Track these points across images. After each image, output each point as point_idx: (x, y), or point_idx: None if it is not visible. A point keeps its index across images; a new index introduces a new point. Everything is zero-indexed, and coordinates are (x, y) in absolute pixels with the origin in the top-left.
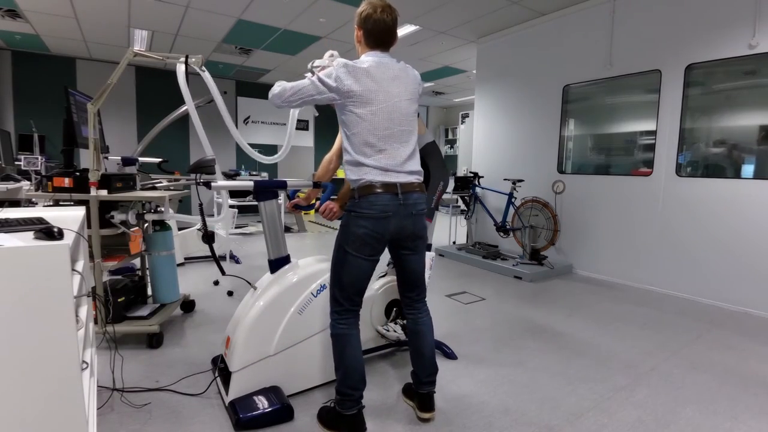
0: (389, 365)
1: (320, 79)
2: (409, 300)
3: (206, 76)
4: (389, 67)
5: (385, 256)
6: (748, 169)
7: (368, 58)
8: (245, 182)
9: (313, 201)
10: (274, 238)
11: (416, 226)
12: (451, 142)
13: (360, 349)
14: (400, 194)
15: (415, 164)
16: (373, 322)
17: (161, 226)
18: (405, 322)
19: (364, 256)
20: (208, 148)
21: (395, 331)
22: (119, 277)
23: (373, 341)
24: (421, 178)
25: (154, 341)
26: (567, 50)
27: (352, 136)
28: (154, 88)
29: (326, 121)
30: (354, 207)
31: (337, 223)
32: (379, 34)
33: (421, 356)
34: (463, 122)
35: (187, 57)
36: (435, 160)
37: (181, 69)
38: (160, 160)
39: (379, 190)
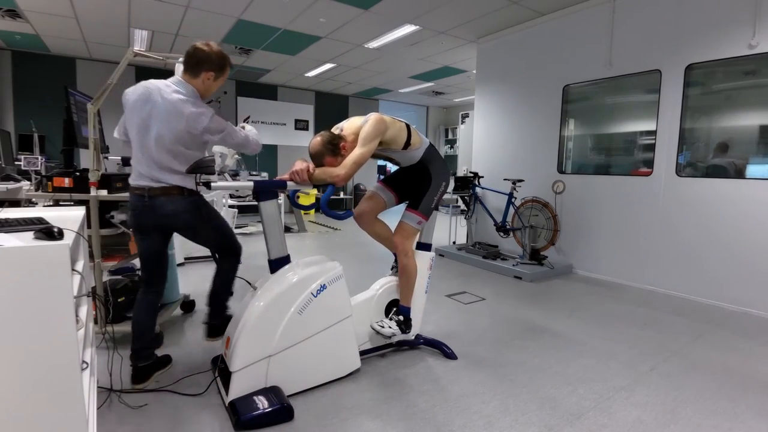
0: (389, 364)
1: None
2: None
3: None
4: (147, 89)
5: (388, 262)
6: (748, 169)
7: None
8: (245, 182)
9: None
10: (274, 238)
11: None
12: (451, 142)
13: None
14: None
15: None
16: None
17: None
18: (400, 317)
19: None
20: None
21: (390, 327)
22: (119, 277)
23: (371, 342)
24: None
25: (154, 341)
26: (567, 50)
27: None
28: None
29: (326, 121)
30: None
31: (337, 223)
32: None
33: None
34: (463, 122)
35: None
36: (436, 164)
37: (179, 69)
38: None
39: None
